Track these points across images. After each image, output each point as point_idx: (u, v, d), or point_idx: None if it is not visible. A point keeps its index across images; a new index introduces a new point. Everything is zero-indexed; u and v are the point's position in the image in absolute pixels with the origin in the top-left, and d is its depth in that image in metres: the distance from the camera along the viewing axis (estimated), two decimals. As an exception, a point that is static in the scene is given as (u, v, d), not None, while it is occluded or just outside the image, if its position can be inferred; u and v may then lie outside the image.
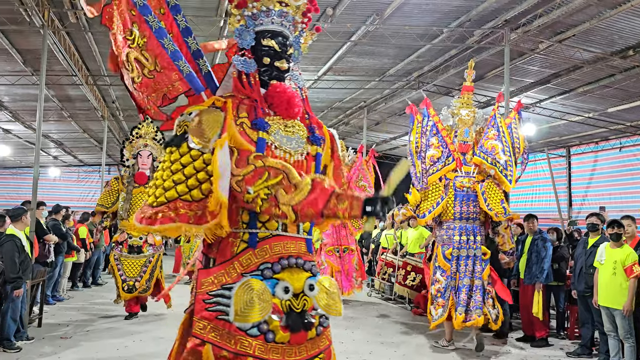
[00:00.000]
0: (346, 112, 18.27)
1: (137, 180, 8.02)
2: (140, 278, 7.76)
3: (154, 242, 7.97)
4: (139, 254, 7.83)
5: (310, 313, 2.61)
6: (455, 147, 6.91)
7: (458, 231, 6.61)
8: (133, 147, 8.18)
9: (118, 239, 7.93)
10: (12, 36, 9.62)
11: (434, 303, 6.62)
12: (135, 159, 8.10)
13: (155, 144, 8.37)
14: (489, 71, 12.36)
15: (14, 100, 13.64)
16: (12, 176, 22.63)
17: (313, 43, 11.86)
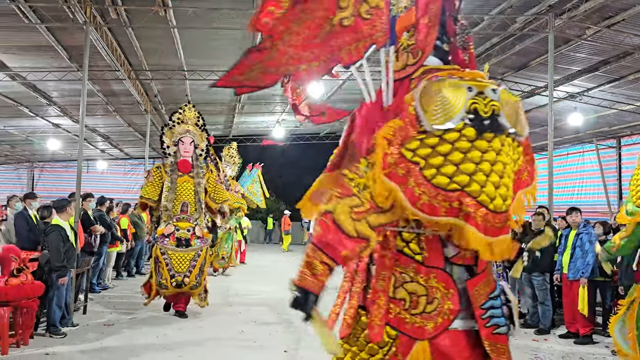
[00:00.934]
0: (385, 104, 18.07)
1: (180, 169, 7.73)
2: (190, 273, 7.33)
3: (202, 234, 7.60)
4: (187, 247, 7.42)
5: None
6: None
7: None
8: (173, 133, 7.83)
9: (164, 231, 7.49)
10: (58, 33, 9.94)
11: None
12: (177, 146, 7.80)
13: (197, 130, 7.93)
14: (532, 59, 11.96)
15: (62, 95, 14.13)
16: (63, 169, 23.57)
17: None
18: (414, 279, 2.36)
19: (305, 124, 21.21)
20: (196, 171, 7.80)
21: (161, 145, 7.84)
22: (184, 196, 7.67)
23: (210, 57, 12.24)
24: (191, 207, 7.66)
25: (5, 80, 12.17)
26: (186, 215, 7.62)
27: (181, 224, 7.54)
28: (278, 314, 8.09)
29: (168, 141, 7.80)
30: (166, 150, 7.84)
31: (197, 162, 7.84)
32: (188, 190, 7.69)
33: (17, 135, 18.34)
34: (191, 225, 7.57)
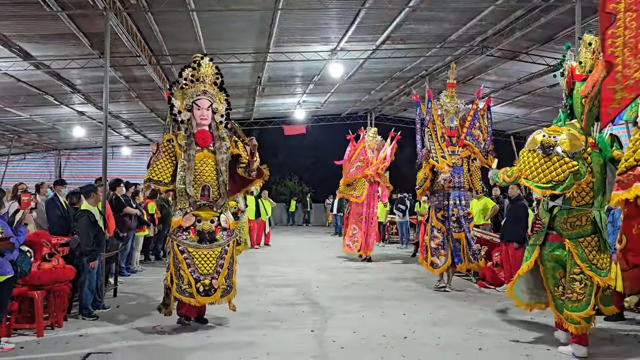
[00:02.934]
0: (407, 82, 17.85)
1: (199, 142, 5.96)
2: (217, 275, 5.82)
3: (228, 225, 6.04)
4: (212, 242, 5.88)
5: None
6: (445, 131, 8.67)
7: (447, 198, 8.54)
8: (186, 95, 6.03)
9: (182, 222, 5.86)
10: (79, 20, 10.01)
11: (435, 254, 8.49)
12: (191, 111, 5.99)
13: (215, 90, 6.18)
14: (559, 31, 11.64)
15: (85, 83, 14.29)
16: (89, 156, 23.98)
17: (369, 11, 11.65)
18: None
19: (326, 104, 21.15)
20: (218, 144, 6.04)
21: (170, 110, 6.04)
22: (205, 177, 5.95)
23: (230, 40, 12.21)
24: (214, 191, 5.98)
25: (30, 69, 12.34)
26: (208, 201, 5.94)
27: (203, 213, 5.91)
28: (304, 295, 8.15)
29: (179, 104, 6.00)
30: (177, 117, 6.04)
31: (217, 132, 6.07)
32: (209, 170, 5.97)
33: (43, 124, 18.66)
34: (215, 214, 5.96)
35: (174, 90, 6.05)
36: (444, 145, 8.52)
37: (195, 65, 6.09)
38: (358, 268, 11.22)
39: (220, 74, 6.25)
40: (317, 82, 17.02)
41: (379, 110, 23.17)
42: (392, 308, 7.20)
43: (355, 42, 13.05)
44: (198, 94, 5.98)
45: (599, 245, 5.09)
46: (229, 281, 5.95)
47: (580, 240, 5.12)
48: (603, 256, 5.10)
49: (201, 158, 5.96)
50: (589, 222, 5.12)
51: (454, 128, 8.72)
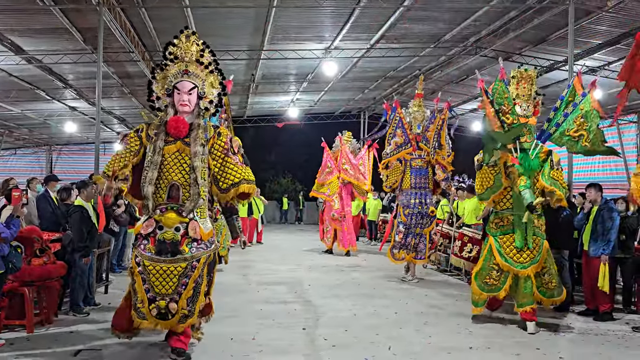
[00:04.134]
0: (400, 81, 17.89)
1: (171, 131, 4.75)
2: (178, 296, 4.57)
3: (201, 235, 4.71)
4: (174, 255, 4.59)
5: None
6: (413, 137, 9.47)
7: (413, 196, 9.37)
8: (167, 77, 4.86)
9: (141, 229, 4.71)
10: (72, 15, 9.94)
11: (397, 247, 9.40)
12: (171, 95, 4.85)
13: (202, 70, 4.89)
14: (552, 33, 11.72)
15: (78, 78, 14.20)
16: (80, 151, 23.84)
17: (364, 10, 11.70)
18: None
19: (319, 102, 21.15)
20: (195, 133, 4.78)
21: (148, 97, 4.99)
22: (174, 174, 4.75)
23: (224, 37, 12.18)
24: (184, 192, 4.73)
25: (22, 63, 12.25)
26: (176, 204, 4.71)
27: (167, 218, 4.65)
28: (296, 293, 8.16)
29: (159, 89, 4.92)
30: (155, 104, 4.98)
31: (197, 120, 4.85)
32: (181, 165, 4.77)
33: (35, 119, 18.53)
34: (183, 221, 4.66)
35: (157, 74, 4.94)
36: (411, 149, 9.44)
37: (176, 41, 4.92)
38: (350, 266, 11.25)
39: (210, 51, 4.98)
40: (311, 80, 17.02)
41: (372, 109, 23.20)
42: (384, 307, 7.23)
43: (350, 40, 13.06)
44: (178, 75, 4.81)
45: (515, 243, 6.12)
46: (192, 306, 4.64)
47: (501, 237, 6.24)
48: (520, 252, 6.10)
49: (173, 151, 4.75)
50: (510, 223, 6.20)
51: (420, 134, 9.57)
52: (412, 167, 9.44)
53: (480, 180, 6.40)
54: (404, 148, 9.38)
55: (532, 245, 6.09)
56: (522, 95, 6.40)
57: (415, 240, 9.33)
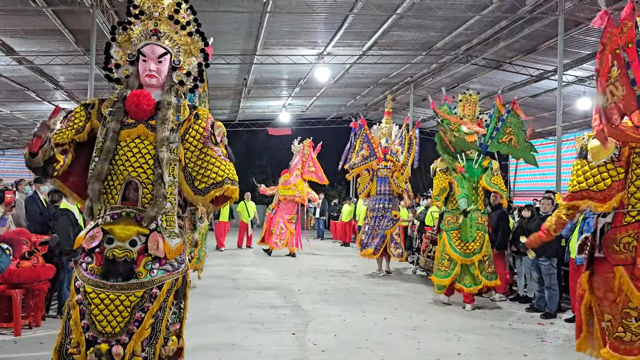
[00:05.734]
0: (392, 88, 18.00)
1: (131, 109, 3.39)
2: (129, 338, 3.18)
3: (163, 251, 3.29)
4: (126, 279, 3.20)
5: None
6: (379, 150, 10.64)
7: (378, 202, 10.60)
8: (131, 38, 3.54)
9: (83, 241, 3.29)
10: (64, 16, 9.92)
11: (363, 246, 10.67)
12: (135, 63, 3.52)
13: (175, 31, 3.55)
14: (541, 43, 11.87)
15: (69, 80, 14.15)
16: (69, 154, 23.74)
17: (357, 17, 11.80)
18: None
19: (311, 107, 21.21)
20: (162, 114, 3.42)
21: (105, 63, 3.61)
22: (131, 168, 3.38)
23: (217, 41, 12.18)
24: (144, 192, 3.35)
25: (13, 64, 12.20)
26: (133, 209, 3.32)
27: (120, 228, 3.26)
28: (286, 298, 8.16)
29: (120, 54, 3.59)
30: (112, 74, 3.60)
31: (167, 97, 3.47)
32: (142, 156, 3.40)
33: (24, 120, 18.42)
34: (142, 232, 3.28)
35: (117, 34, 3.58)
36: (376, 161, 10.62)
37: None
38: (340, 272, 11.26)
39: (188, 7, 3.64)
40: (303, 86, 17.08)
41: (363, 114, 23.28)
42: (373, 312, 7.25)
43: (342, 47, 13.14)
44: (144, 36, 3.46)
45: (460, 237, 7.50)
46: (149, 351, 3.24)
47: (452, 232, 7.55)
48: (466, 244, 7.46)
49: (133, 137, 3.38)
50: (457, 220, 7.51)
51: (387, 147, 10.73)
52: (378, 176, 10.66)
53: (436, 184, 7.81)
54: (369, 160, 10.64)
55: (476, 238, 7.42)
56: (468, 116, 7.73)
57: (377, 240, 10.49)
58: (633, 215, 3.55)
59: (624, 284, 3.52)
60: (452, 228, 7.59)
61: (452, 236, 7.55)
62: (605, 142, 3.29)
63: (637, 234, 3.53)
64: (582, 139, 3.81)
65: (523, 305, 8.01)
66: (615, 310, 3.56)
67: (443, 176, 7.67)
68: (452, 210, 7.66)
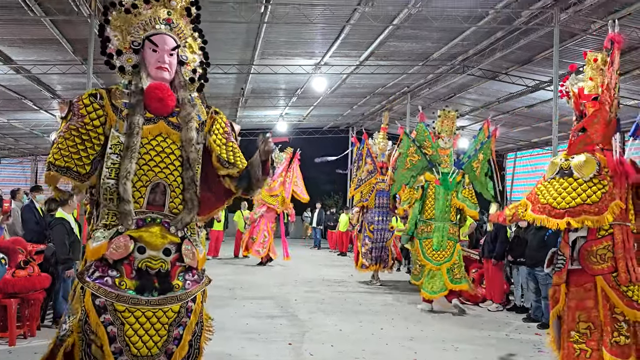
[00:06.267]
0: (389, 98, 18.07)
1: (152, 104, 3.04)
2: (167, 359, 2.93)
3: (196, 260, 3.08)
4: (163, 293, 2.89)
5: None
6: (378, 164, 10.98)
7: (377, 214, 10.85)
8: (133, 24, 3.10)
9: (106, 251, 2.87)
10: (62, 26, 9.95)
11: (364, 257, 10.78)
12: (139, 52, 3.12)
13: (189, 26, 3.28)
14: (537, 53, 11.94)
15: (66, 89, 14.16)
16: (65, 163, 23.68)
17: (354, 28, 11.88)
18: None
19: (308, 117, 21.27)
20: (186, 112, 3.14)
21: (102, 48, 3.15)
22: (157, 169, 3.03)
23: (215, 51, 12.19)
24: (172, 196, 3.04)
25: (10, 73, 12.21)
26: (158, 214, 3.01)
27: (150, 235, 2.94)
28: (282, 308, 8.13)
29: (120, 40, 3.13)
30: (115, 61, 3.13)
31: (185, 94, 3.20)
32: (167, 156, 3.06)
33: (21, 129, 18.40)
34: (174, 240, 3.00)
35: (112, 16, 3.11)
36: (377, 175, 10.98)
37: None
38: (336, 282, 11.24)
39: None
40: (300, 95, 17.13)
41: (360, 124, 23.35)
42: (370, 322, 7.23)
43: (339, 57, 13.20)
44: (155, 23, 3.09)
45: (433, 245, 7.87)
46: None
47: (424, 241, 7.91)
48: (437, 252, 7.84)
49: (154, 135, 3.03)
50: (431, 229, 7.91)
51: (384, 162, 11.00)
52: (377, 190, 10.96)
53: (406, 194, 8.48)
54: (373, 175, 11.00)
55: (446, 247, 7.83)
56: (445, 131, 8.19)
57: (379, 253, 10.80)
58: (606, 229, 3.85)
59: (608, 292, 3.78)
60: (425, 237, 7.99)
61: (424, 244, 7.98)
62: None
63: (610, 246, 3.83)
64: (558, 159, 4.11)
65: (520, 315, 8.00)
66: (595, 318, 3.81)
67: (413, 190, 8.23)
68: (425, 220, 8.04)
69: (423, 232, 8.04)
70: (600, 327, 3.79)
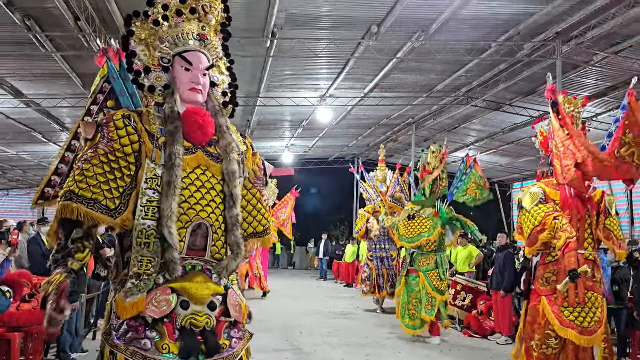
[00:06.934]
0: (394, 129, 18.18)
1: (193, 131, 2.60)
2: None
3: (241, 313, 2.67)
4: (211, 357, 2.45)
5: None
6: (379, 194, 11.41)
7: (377, 243, 11.36)
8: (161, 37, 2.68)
9: (145, 309, 2.38)
10: (72, 61, 10.17)
11: (363, 283, 11.44)
12: (168, 70, 2.68)
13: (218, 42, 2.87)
14: (541, 85, 12.01)
15: (75, 121, 14.31)
16: (73, 194, 23.79)
17: (359, 61, 12.02)
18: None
19: (313, 148, 21.40)
20: (225, 141, 2.73)
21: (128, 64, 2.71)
22: (199, 207, 2.57)
23: (221, 84, 12.42)
24: (214, 238, 2.60)
25: (20, 107, 12.41)
26: (203, 259, 2.57)
27: (197, 286, 2.50)
28: (288, 340, 8.03)
29: (147, 56, 2.70)
30: (142, 80, 2.68)
31: (223, 120, 2.80)
32: (209, 193, 2.62)
33: (30, 161, 18.58)
34: (218, 291, 2.57)
35: (136, 27, 2.70)
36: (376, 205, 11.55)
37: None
38: (342, 314, 11.11)
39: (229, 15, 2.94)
40: (306, 127, 17.27)
41: (365, 155, 23.45)
42: (377, 356, 7.12)
43: (344, 89, 13.36)
44: (189, 39, 2.70)
45: (439, 277, 7.93)
46: None
47: (429, 273, 7.96)
48: (442, 283, 7.94)
49: (193, 167, 2.60)
50: (434, 262, 7.99)
51: (385, 192, 11.28)
52: (376, 219, 11.36)
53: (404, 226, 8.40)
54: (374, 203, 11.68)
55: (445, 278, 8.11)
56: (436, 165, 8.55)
57: (379, 280, 11.14)
58: (554, 256, 4.48)
59: (546, 311, 4.42)
60: (429, 269, 8.06)
61: (430, 276, 7.99)
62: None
63: (556, 271, 4.45)
64: (528, 191, 4.75)
65: (530, 349, 7.85)
66: (540, 332, 4.44)
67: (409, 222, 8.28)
68: (427, 253, 8.11)
69: (425, 265, 8.12)
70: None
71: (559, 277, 4.35)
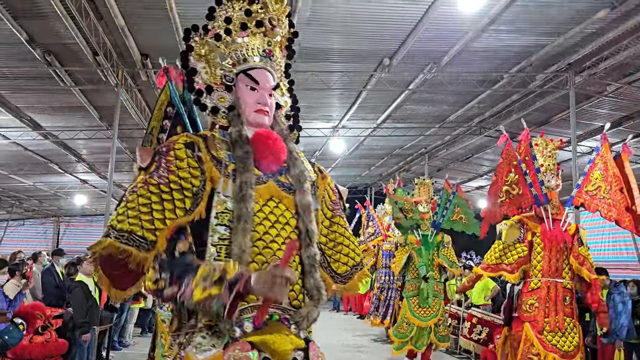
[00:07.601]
0: (407, 159, 18.18)
1: (265, 157, 2.18)
2: None
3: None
4: None
5: None
6: (384, 227, 11.88)
7: (384, 274, 11.51)
8: (222, 53, 2.31)
9: (237, 352, 1.91)
10: (90, 95, 10.39)
11: (373, 314, 11.63)
12: (231, 90, 2.28)
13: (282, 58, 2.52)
14: (554, 115, 12.02)
15: (91, 153, 14.58)
16: (89, 223, 23.96)
17: (371, 93, 12.11)
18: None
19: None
20: (297, 170, 2.30)
21: (189, 83, 2.32)
22: (275, 245, 2.13)
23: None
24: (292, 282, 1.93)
25: (38, 138, 12.64)
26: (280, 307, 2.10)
27: (275, 338, 2.01)
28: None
29: (209, 74, 2.32)
30: (204, 100, 2.29)
31: (292, 145, 2.40)
32: (282, 228, 2.17)
33: (46, 191, 18.83)
34: (299, 345, 2.08)
35: (195, 42, 2.37)
36: (382, 237, 11.71)
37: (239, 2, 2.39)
38: (356, 346, 10.92)
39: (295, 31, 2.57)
40: (319, 157, 17.34)
41: (378, 185, 23.41)
42: (391, 392, 6.95)
43: (357, 120, 13.44)
44: (254, 54, 2.35)
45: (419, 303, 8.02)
46: None
47: (411, 298, 8.09)
48: (423, 309, 7.99)
49: (266, 199, 2.18)
50: (417, 288, 8.12)
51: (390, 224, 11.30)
52: (384, 250, 11.60)
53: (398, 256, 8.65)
54: (374, 237, 11.82)
55: (432, 304, 8.01)
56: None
57: (385, 310, 11.28)
58: (535, 283, 4.88)
59: (529, 335, 4.72)
60: (412, 295, 8.23)
61: (411, 302, 8.19)
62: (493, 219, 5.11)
63: (538, 298, 4.81)
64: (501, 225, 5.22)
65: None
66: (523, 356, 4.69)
67: (402, 249, 8.51)
68: (412, 279, 8.34)
69: (409, 291, 8.29)
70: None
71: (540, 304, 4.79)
